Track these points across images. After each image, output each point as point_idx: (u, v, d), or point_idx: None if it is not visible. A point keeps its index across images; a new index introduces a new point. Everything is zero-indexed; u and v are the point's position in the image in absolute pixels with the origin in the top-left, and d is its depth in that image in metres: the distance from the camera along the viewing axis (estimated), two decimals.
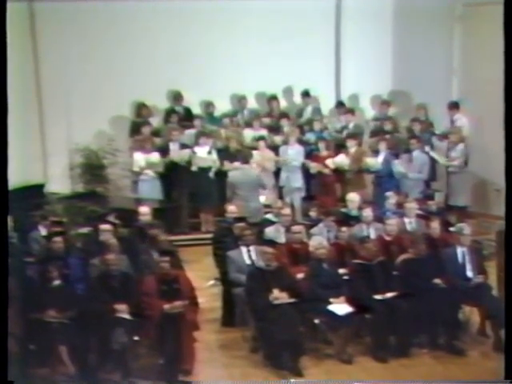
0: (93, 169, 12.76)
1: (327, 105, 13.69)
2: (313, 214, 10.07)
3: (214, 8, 12.88)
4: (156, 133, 12.82)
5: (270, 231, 9.36)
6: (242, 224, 9.07)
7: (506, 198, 6.26)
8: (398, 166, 11.86)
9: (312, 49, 13.42)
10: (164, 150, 12.29)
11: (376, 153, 12.15)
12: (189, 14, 12.89)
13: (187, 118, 13.10)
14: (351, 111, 13.20)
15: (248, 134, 12.82)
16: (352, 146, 12.23)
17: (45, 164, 12.90)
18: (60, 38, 12.58)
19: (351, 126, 13.02)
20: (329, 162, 12.23)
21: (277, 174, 12.42)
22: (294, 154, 12.30)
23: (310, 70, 13.28)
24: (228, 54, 13.11)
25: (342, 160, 12.23)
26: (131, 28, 12.88)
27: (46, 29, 12.61)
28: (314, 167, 12.21)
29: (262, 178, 11.60)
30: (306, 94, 13.41)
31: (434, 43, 13.46)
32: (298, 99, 13.64)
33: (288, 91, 13.69)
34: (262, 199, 11.41)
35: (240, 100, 13.37)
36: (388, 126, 12.83)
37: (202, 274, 9.79)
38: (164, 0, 12.83)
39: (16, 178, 6.42)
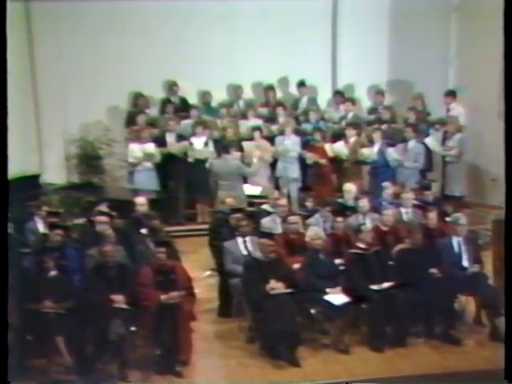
0: (89, 159, 12.75)
1: (323, 95, 13.66)
2: (309, 204, 10.06)
3: (212, 1, 12.84)
4: (152, 123, 12.78)
5: (266, 222, 9.36)
6: (238, 215, 9.07)
7: (506, 187, 6.25)
8: (393, 154, 11.86)
9: (309, 39, 13.37)
10: (160, 141, 12.25)
11: (372, 143, 12.13)
12: (186, 6, 12.83)
13: (183, 108, 13.05)
14: (351, 100, 13.16)
15: (244, 124, 12.78)
16: (351, 136, 12.19)
17: (41, 154, 12.85)
18: (56, 29, 12.54)
19: (350, 115, 12.97)
20: (327, 147, 12.21)
21: (273, 164, 12.39)
22: (290, 144, 12.24)
23: (306, 60, 13.25)
24: (225, 45, 13.06)
25: (340, 147, 12.21)
26: (128, 19, 12.82)
27: (42, 21, 12.54)
28: (310, 157, 12.17)
29: (242, 167, 11.66)
30: (301, 84, 13.35)
31: (431, 33, 13.46)
32: (294, 90, 13.58)
33: (284, 81, 13.64)
34: (256, 189, 11.42)
35: (236, 90, 13.32)
36: (386, 116, 12.82)
37: (198, 265, 9.80)
38: None
39: (12, 168, 6.38)
